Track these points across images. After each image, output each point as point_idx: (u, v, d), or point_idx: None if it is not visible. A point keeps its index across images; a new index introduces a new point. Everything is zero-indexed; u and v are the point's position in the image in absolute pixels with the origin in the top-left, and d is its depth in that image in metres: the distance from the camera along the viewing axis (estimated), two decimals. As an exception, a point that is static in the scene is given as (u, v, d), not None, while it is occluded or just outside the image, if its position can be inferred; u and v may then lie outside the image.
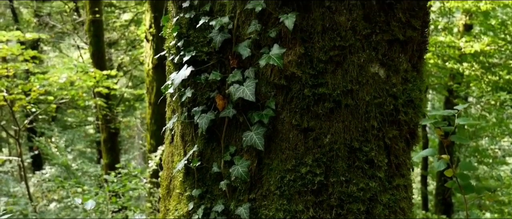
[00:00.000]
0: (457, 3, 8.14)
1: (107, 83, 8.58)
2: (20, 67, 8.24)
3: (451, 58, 9.36)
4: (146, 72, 8.14)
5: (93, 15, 9.58)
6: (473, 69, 9.31)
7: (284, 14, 1.51)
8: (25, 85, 8.18)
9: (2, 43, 7.92)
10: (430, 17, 1.75)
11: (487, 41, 8.72)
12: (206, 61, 1.65)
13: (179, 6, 1.72)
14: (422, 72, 1.77)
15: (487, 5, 8.00)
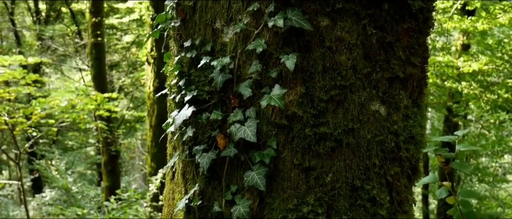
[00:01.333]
0: (455, 23, 8.20)
1: (108, 106, 8.60)
2: (21, 91, 8.27)
3: (449, 78, 9.39)
4: (147, 95, 8.16)
5: (95, 39, 9.66)
6: (472, 88, 9.34)
7: (285, 55, 1.53)
8: (27, 109, 8.20)
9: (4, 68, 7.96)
10: (429, 52, 1.77)
11: (485, 60, 8.77)
12: (208, 100, 1.66)
13: (181, 46, 1.74)
14: (422, 107, 1.78)
15: (484, 25, 8.06)
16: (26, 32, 13.24)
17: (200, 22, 1.67)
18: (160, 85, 7.74)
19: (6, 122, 7.89)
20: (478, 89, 9.17)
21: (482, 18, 7.96)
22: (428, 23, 1.69)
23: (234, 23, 1.60)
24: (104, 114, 8.39)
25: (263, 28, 1.56)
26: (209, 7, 1.64)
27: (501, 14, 7.90)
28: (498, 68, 8.79)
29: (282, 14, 1.50)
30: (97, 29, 9.66)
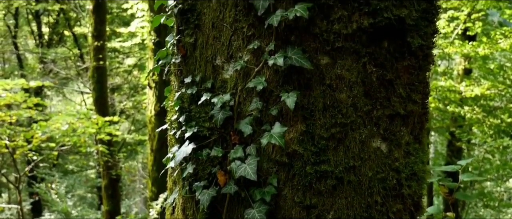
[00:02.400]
0: (456, 48, 8.24)
1: (109, 130, 8.60)
2: (23, 114, 8.29)
3: (452, 102, 9.39)
4: (149, 119, 8.17)
5: (97, 62, 9.72)
6: (475, 112, 9.33)
7: (285, 93, 1.53)
8: (28, 133, 8.20)
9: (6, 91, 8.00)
10: (429, 88, 1.76)
11: (487, 85, 8.77)
12: (208, 137, 1.66)
13: (181, 81, 1.74)
14: (424, 143, 1.77)
15: (485, 50, 8.10)
16: (29, 55, 13.35)
17: (201, 59, 1.68)
18: (161, 109, 7.75)
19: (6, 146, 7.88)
20: (481, 114, 9.16)
21: (483, 43, 8.00)
22: (428, 59, 1.69)
23: (235, 61, 1.60)
24: (105, 137, 8.39)
25: (264, 66, 1.56)
26: (210, 44, 1.65)
27: (502, 39, 7.94)
28: (500, 93, 8.79)
29: (282, 52, 1.50)
30: (99, 52, 9.73)
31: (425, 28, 1.63)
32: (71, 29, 12.15)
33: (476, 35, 9.07)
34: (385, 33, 1.56)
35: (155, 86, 7.86)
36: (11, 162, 9.41)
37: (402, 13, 1.55)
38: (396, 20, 1.54)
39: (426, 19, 1.63)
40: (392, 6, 1.54)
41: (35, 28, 12.77)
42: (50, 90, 13.14)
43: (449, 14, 8.05)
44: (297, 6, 1.48)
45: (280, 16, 1.48)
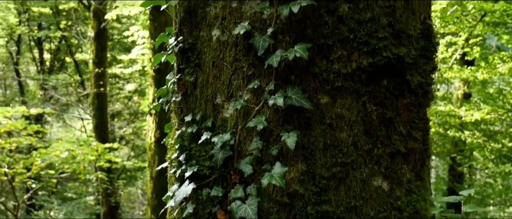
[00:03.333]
0: (455, 73, 8.28)
1: (109, 157, 8.56)
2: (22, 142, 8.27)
3: (452, 127, 9.38)
4: (148, 146, 8.14)
5: (98, 89, 9.76)
6: (475, 137, 9.31)
7: (286, 132, 1.52)
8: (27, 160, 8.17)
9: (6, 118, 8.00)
10: (430, 124, 1.76)
11: (487, 109, 8.77)
12: (208, 176, 1.64)
13: (182, 119, 1.74)
14: (426, 179, 1.76)
15: (484, 75, 8.13)
16: (30, 81, 13.41)
17: (201, 97, 1.68)
18: (161, 136, 7.73)
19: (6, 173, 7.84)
20: (482, 138, 9.14)
21: (481, 68, 8.03)
22: (428, 96, 1.69)
23: (235, 100, 1.60)
24: (105, 165, 8.35)
25: (264, 105, 1.56)
26: (210, 83, 1.65)
27: (500, 64, 7.98)
28: (500, 117, 8.79)
29: (282, 92, 1.51)
30: (100, 79, 9.78)
31: (424, 66, 1.64)
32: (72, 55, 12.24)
33: (474, 60, 9.12)
34: (385, 72, 1.57)
35: (155, 113, 7.86)
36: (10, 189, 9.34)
37: (401, 52, 1.56)
38: (395, 59, 1.55)
39: (425, 57, 1.64)
40: (391, 45, 1.55)
41: (37, 54, 12.87)
42: (51, 117, 13.15)
43: (447, 39, 8.11)
44: (297, 46, 1.49)
45: (279, 56, 1.49)
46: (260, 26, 1.56)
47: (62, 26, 11.81)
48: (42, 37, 12.33)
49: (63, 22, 11.75)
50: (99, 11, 9.22)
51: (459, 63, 8.90)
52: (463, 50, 8.14)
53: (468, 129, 9.46)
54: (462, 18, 6.95)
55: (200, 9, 1.66)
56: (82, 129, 12.87)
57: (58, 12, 11.87)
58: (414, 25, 1.60)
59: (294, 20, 1.52)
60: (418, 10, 1.64)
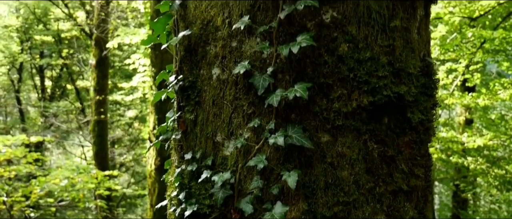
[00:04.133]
0: (456, 100, 8.29)
1: (109, 185, 8.51)
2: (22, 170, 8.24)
3: (454, 153, 9.33)
4: (149, 173, 8.09)
5: (98, 116, 9.77)
6: (478, 163, 9.25)
7: (286, 171, 1.51)
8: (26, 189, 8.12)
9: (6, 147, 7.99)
10: (432, 161, 1.75)
11: (489, 136, 8.74)
12: (208, 215, 1.62)
13: (181, 157, 1.72)
14: (428, 216, 1.73)
15: (485, 101, 8.13)
16: (31, 109, 13.44)
17: (201, 135, 1.67)
18: (161, 163, 7.70)
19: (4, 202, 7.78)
20: (485, 165, 9.07)
21: (482, 94, 8.04)
22: (429, 132, 1.68)
23: (235, 138, 1.60)
24: (104, 193, 8.29)
25: (264, 144, 1.55)
26: (210, 121, 1.65)
27: (501, 90, 7.99)
28: (503, 144, 8.75)
29: (283, 131, 1.50)
30: (101, 106, 9.80)
31: (425, 103, 1.63)
32: (73, 83, 12.30)
33: (475, 86, 9.14)
34: (385, 110, 1.56)
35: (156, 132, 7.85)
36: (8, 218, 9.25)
37: (401, 90, 1.56)
38: (395, 97, 1.55)
39: (425, 94, 1.63)
40: (391, 84, 1.55)
41: (38, 82, 12.93)
42: (51, 144, 13.13)
43: (447, 66, 8.16)
44: (297, 86, 1.49)
45: (280, 96, 1.49)
46: (260, 65, 1.56)
47: (64, 54, 11.91)
48: (43, 64, 12.42)
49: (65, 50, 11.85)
50: (100, 39, 9.31)
51: (460, 89, 8.92)
52: (463, 76, 8.18)
53: (471, 155, 9.41)
54: (462, 46, 7.00)
55: (200, 48, 1.67)
56: (82, 155, 12.82)
57: (60, 40, 11.98)
58: (413, 63, 1.61)
59: (294, 60, 1.52)
60: (418, 48, 1.65)
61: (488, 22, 8.30)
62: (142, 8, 8.33)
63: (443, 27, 7.30)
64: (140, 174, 13.59)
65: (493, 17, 8.05)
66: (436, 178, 10.67)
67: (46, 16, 11.89)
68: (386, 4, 1.57)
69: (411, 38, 1.63)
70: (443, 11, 7.29)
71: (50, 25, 11.91)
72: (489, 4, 7.00)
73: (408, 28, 1.61)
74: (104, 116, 9.78)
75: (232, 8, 1.60)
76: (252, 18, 1.56)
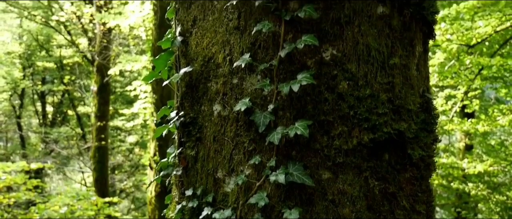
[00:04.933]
0: (455, 126, 8.30)
1: (109, 211, 8.45)
2: (22, 197, 8.19)
3: (455, 179, 9.30)
4: (149, 200, 8.03)
5: (99, 142, 9.76)
6: (479, 189, 9.20)
7: (287, 209, 1.51)
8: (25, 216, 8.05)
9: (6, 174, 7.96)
10: (433, 196, 1.74)
11: (490, 161, 8.73)
12: (209, 252, 1.61)
13: (182, 193, 1.72)
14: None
15: (484, 127, 8.14)
16: (32, 134, 13.44)
17: (202, 171, 1.68)
18: (162, 190, 7.65)
19: (2, 229, 7.71)
20: (486, 191, 9.03)
21: (482, 121, 8.06)
22: (430, 168, 1.69)
23: (236, 174, 1.60)
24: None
25: (265, 181, 1.55)
26: (211, 157, 1.65)
27: (500, 116, 8.01)
28: (504, 170, 8.73)
29: (284, 169, 1.50)
30: (101, 132, 9.80)
31: (425, 139, 1.64)
32: (75, 108, 12.34)
33: (474, 112, 9.17)
34: (386, 147, 1.57)
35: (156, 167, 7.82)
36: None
37: (402, 127, 1.57)
38: (396, 134, 1.56)
39: (425, 130, 1.64)
40: (391, 121, 1.56)
41: (40, 108, 12.97)
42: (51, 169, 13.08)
43: (446, 92, 8.20)
44: (298, 123, 1.50)
45: (280, 133, 1.50)
46: (261, 102, 1.58)
47: (65, 80, 11.99)
48: (45, 90, 12.48)
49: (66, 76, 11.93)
50: (102, 66, 9.39)
51: (459, 115, 8.95)
52: (462, 103, 8.21)
53: (471, 181, 9.37)
54: (460, 73, 7.05)
55: (202, 84, 1.69)
56: (82, 181, 12.76)
57: (62, 67, 12.08)
58: (413, 100, 1.62)
59: (294, 97, 1.54)
60: (417, 84, 1.67)
61: (485, 49, 8.39)
62: (144, 36, 8.42)
63: (441, 54, 7.37)
64: (140, 200, 13.49)
65: (491, 44, 8.13)
66: (438, 204, 10.58)
67: (49, 43, 12.02)
68: (385, 42, 1.59)
69: (410, 74, 1.65)
70: (441, 38, 7.36)
71: (53, 52, 12.03)
72: (486, 31, 7.08)
73: (407, 65, 1.64)
74: (105, 142, 9.77)
75: (233, 46, 1.62)
76: (252, 55, 1.58)
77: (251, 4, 1.58)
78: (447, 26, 7.33)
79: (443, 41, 7.44)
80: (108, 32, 9.43)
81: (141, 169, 12.20)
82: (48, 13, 11.35)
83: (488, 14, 6.82)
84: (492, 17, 6.99)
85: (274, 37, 1.56)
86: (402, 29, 1.62)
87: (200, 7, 1.70)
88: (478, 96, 8.50)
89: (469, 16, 7.08)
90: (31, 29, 11.61)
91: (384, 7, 1.59)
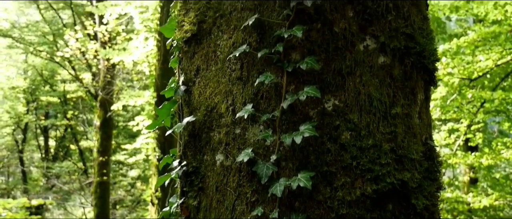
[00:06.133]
0: (459, 160, 8.24)
1: (109, 248, 8.31)
2: (21, 235, 8.10)
3: (461, 213, 9.16)
4: (150, 238, 7.92)
5: (101, 177, 9.71)
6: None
7: (291, 262, 1.48)
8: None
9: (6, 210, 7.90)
10: None
11: (495, 195, 8.62)
12: None
13: (184, 243, 1.70)
14: None
15: (488, 160, 8.08)
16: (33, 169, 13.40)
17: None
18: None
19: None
20: (492, 226, 8.88)
21: (486, 154, 8.01)
22: (435, 216, 1.67)
23: (239, 226, 1.58)
24: (105, 258, 8.09)
25: (268, 232, 1.53)
26: (213, 207, 1.64)
27: (504, 150, 7.96)
28: (509, 204, 8.61)
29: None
30: (103, 168, 9.76)
31: (429, 188, 1.63)
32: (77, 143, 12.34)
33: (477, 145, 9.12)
34: (389, 197, 1.55)
35: (158, 203, 7.75)
36: None
37: (405, 177, 1.56)
38: (399, 184, 1.55)
39: (429, 179, 1.63)
40: (394, 171, 1.55)
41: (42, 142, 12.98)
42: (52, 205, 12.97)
43: (449, 126, 8.18)
44: (300, 175, 1.50)
45: (283, 185, 1.49)
46: (264, 153, 1.57)
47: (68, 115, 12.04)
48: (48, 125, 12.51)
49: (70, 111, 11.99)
50: (105, 101, 9.44)
51: (463, 148, 8.89)
52: (465, 136, 8.17)
53: (477, 215, 9.22)
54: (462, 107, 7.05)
55: (204, 134, 1.69)
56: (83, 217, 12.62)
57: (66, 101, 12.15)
58: (416, 149, 1.62)
59: (297, 148, 1.54)
60: (419, 132, 1.67)
61: (487, 82, 8.42)
62: (147, 71, 8.50)
63: (443, 88, 7.39)
64: (141, 236, 13.29)
65: (492, 77, 8.17)
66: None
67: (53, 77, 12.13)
68: (386, 92, 1.60)
69: (413, 123, 1.65)
70: (442, 72, 7.41)
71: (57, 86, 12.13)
72: (487, 65, 7.13)
73: (409, 114, 1.64)
74: (107, 177, 9.72)
75: (236, 96, 1.63)
76: (255, 106, 1.59)
77: (253, 55, 1.60)
78: (448, 60, 7.39)
79: (445, 75, 7.49)
80: (112, 68, 9.53)
81: (143, 204, 12.08)
82: (53, 48, 11.51)
83: (488, 49, 6.88)
84: (492, 51, 7.05)
85: (277, 87, 1.58)
86: (404, 78, 1.64)
87: (203, 57, 1.73)
88: (481, 130, 8.47)
89: (470, 51, 7.14)
90: (36, 64, 11.75)
91: (385, 57, 1.61)
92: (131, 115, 11.42)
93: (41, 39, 11.25)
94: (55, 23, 11.67)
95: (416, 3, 1.68)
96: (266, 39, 1.59)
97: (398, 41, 1.62)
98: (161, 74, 7.58)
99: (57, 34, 11.26)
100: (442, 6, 6.79)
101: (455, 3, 6.69)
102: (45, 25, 11.43)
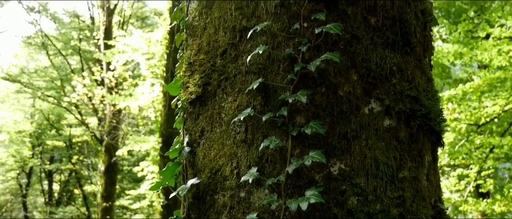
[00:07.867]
0: (470, 206, 8.06)
1: None
2: None
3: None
4: None
5: (104, 224, 9.56)
6: None
7: None
8: None
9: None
10: None
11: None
12: None
13: None
14: None
15: (501, 207, 7.90)
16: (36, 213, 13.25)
17: None
18: None
19: None
20: None
21: (498, 201, 7.84)
22: None
23: None
24: None
25: None
26: None
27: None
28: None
29: None
30: (107, 213, 9.64)
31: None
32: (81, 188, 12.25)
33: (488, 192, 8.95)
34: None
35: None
36: None
37: (415, 244, 1.51)
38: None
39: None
40: (404, 237, 1.50)
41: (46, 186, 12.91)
42: (54, 251, 12.74)
43: (458, 172, 8.06)
44: (307, 242, 1.45)
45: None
46: (269, 217, 1.53)
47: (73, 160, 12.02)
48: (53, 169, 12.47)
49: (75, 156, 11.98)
50: (111, 145, 9.44)
51: (474, 195, 8.72)
52: (476, 182, 8.03)
53: (491, 265, 8.92)
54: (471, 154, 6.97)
55: (209, 197, 1.66)
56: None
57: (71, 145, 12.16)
58: (425, 212, 1.58)
59: (303, 213, 1.50)
60: (428, 195, 1.63)
61: (495, 127, 8.35)
62: (153, 116, 8.54)
63: (451, 134, 7.34)
64: None
65: (500, 122, 8.11)
66: None
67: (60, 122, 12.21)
68: (393, 155, 1.58)
69: (421, 186, 1.61)
70: (449, 118, 7.38)
71: (63, 131, 12.19)
72: (494, 111, 7.10)
73: (417, 177, 1.61)
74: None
75: (240, 159, 1.61)
76: (260, 170, 1.56)
77: (258, 118, 1.59)
78: (454, 105, 7.37)
79: (452, 120, 7.45)
80: (118, 113, 9.58)
81: (147, 250, 11.84)
82: (60, 93, 11.65)
83: (494, 95, 6.87)
84: (499, 97, 7.03)
85: (282, 151, 1.56)
86: (410, 141, 1.61)
87: (208, 119, 1.72)
88: (491, 176, 8.33)
89: (476, 97, 7.13)
90: (43, 108, 11.85)
91: (391, 120, 1.60)
92: (136, 159, 11.38)
93: (49, 84, 11.41)
94: (63, 69, 11.87)
95: (420, 65, 1.68)
96: (271, 103, 1.59)
97: (403, 104, 1.61)
98: (166, 120, 7.60)
99: (64, 80, 11.43)
100: (446, 53, 6.85)
101: (459, 50, 6.74)
102: (54, 70, 11.62)
